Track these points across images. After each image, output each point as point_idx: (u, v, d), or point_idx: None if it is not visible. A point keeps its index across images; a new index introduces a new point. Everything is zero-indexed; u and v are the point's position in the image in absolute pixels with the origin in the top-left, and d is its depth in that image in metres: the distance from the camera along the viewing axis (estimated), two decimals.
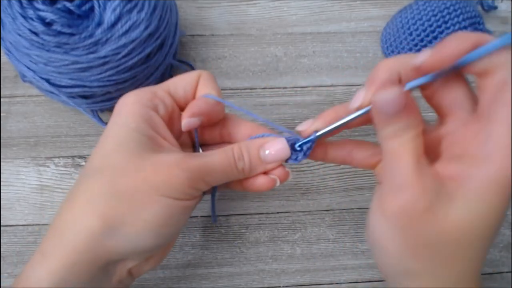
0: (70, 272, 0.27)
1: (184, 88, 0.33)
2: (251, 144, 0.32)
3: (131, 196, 0.27)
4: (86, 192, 0.28)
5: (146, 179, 0.28)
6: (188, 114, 0.31)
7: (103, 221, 0.27)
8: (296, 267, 0.43)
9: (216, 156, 0.30)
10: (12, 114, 0.46)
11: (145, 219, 0.27)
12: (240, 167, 0.31)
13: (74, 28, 0.36)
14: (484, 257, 0.26)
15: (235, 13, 0.51)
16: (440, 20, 0.45)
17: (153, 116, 0.30)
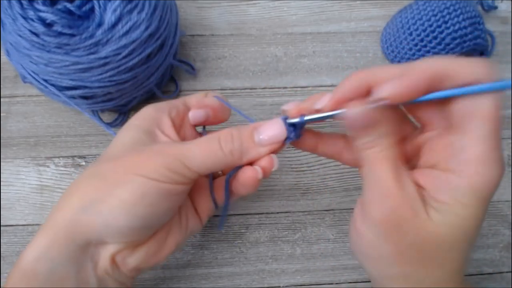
0: (50, 247, 0.28)
1: (197, 97, 0.35)
2: (244, 126, 0.31)
3: (109, 176, 0.29)
4: (77, 179, 0.30)
5: (127, 162, 0.29)
6: (195, 107, 0.34)
7: (81, 198, 0.28)
8: (296, 267, 0.43)
9: (199, 140, 0.30)
10: (12, 114, 0.46)
11: (118, 197, 0.28)
12: (227, 149, 0.30)
13: (74, 29, 0.36)
14: (467, 258, 0.27)
15: (235, 13, 0.51)
16: (440, 20, 0.45)
17: (161, 117, 0.32)
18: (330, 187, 0.45)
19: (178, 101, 0.35)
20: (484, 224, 0.44)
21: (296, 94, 0.48)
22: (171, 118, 0.33)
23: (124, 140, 0.31)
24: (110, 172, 0.29)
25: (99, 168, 0.30)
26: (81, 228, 0.28)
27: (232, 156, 0.30)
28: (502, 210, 0.45)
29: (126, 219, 0.28)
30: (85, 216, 0.28)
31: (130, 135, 0.31)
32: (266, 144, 0.31)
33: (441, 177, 0.26)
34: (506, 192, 0.46)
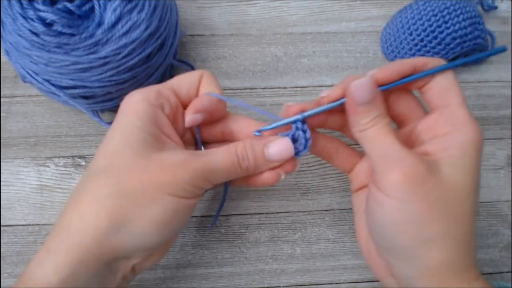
0: (77, 268, 0.27)
1: (188, 86, 0.34)
2: (256, 143, 0.32)
3: (137, 195, 0.28)
4: (93, 191, 0.29)
5: (152, 179, 0.28)
6: (191, 111, 0.33)
7: (110, 219, 0.28)
8: (296, 267, 0.43)
9: (219, 155, 0.31)
10: (12, 114, 0.46)
11: (150, 217, 0.28)
12: (244, 166, 0.31)
13: (74, 29, 0.36)
14: (476, 209, 0.30)
15: (235, 13, 0.51)
16: (440, 20, 0.45)
17: (158, 115, 0.31)
18: (330, 187, 0.45)
19: (168, 90, 0.33)
20: (484, 224, 0.45)
21: (296, 94, 0.48)
22: (165, 114, 0.32)
23: (130, 144, 0.29)
24: (137, 190, 0.28)
25: (120, 184, 0.28)
26: (111, 249, 0.28)
27: (247, 172, 0.32)
28: (502, 210, 0.45)
29: (158, 237, 0.29)
30: (115, 237, 0.28)
31: (134, 139, 0.29)
32: (275, 161, 0.33)
33: (444, 139, 0.30)
34: (506, 192, 0.46)
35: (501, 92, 0.50)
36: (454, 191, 0.28)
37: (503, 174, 0.47)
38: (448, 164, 0.28)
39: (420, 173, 0.27)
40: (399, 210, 0.28)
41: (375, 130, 0.29)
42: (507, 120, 0.48)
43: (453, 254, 0.28)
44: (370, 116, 0.29)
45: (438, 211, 0.28)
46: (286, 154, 0.32)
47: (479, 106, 0.49)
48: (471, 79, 0.50)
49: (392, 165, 0.28)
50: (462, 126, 0.29)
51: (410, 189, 0.28)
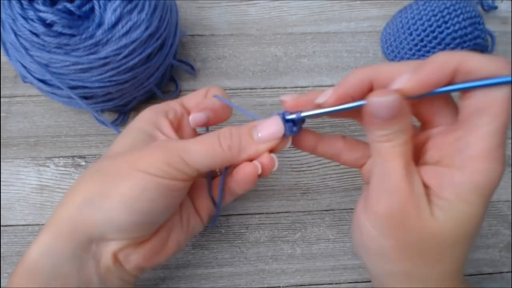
0: (53, 243, 0.28)
1: (195, 98, 0.35)
2: (242, 126, 0.31)
3: (112, 172, 0.29)
4: (81, 177, 0.31)
5: (129, 158, 0.30)
6: (195, 110, 0.33)
7: (84, 194, 0.29)
8: (296, 267, 0.43)
9: (200, 137, 0.31)
10: (12, 114, 0.46)
11: (119, 192, 0.28)
12: (226, 144, 0.30)
13: (74, 29, 0.36)
14: (467, 255, 0.28)
15: (235, 13, 0.51)
16: (440, 20, 0.45)
17: (160, 119, 0.33)
18: (330, 187, 0.45)
19: (175, 102, 0.35)
20: (484, 224, 0.45)
21: (296, 94, 0.48)
22: (169, 120, 0.33)
23: (125, 141, 0.32)
24: (112, 168, 0.30)
25: (101, 165, 0.31)
26: (83, 224, 0.28)
27: (231, 152, 0.30)
28: (502, 210, 0.45)
29: (126, 214, 0.28)
30: (87, 212, 0.28)
31: (131, 136, 0.32)
32: (264, 141, 0.31)
33: (445, 173, 0.26)
34: (506, 192, 0.46)
35: None
36: (436, 238, 0.26)
37: (503, 174, 0.46)
38: (440, 208, 0.26)
39: (405, 212, 0.26)
40: (373, 239, 0.28)
41: (385, 147, 0.26)
42: None
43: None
44: (386, 131, 0.26)
45: (409, 252, 0.27)
46: (275, 131, 0.30)
47: None
48: None
49: (383, 193, 0.27)
50: (471, 164, 0.25)
51: (389, 226, 0.27)
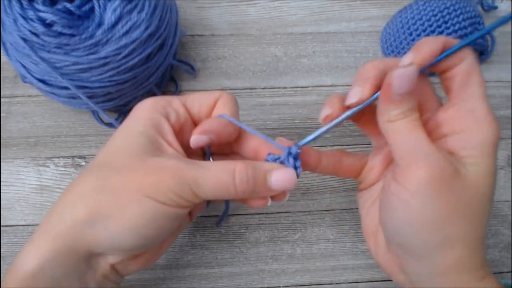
0: (53, 257, 0.28)
1: (200, 104, 0.33)
2: (259, 167, 0.31)
3: (118, 193, 0.28)
4: (80, 185, 0.29)
5: (136, 179, 0.28)
6: (198, 131, 0.31)
7: (88, 212, 0.28)
8: (296, 267, 0.43)
9: (213, 170, 0.29)
10: (12, 114, 0.46)
11: (127, 217, 0.28)
12: (241, 188, 0.29)
13: (74, 29, 0.36)
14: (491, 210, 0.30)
15: (235, 13, 0.51)
16: (440, 20, 0.45)
17: (162, 122, 0.31)
18: (330, 187, 0.45)
19: (178, 102, 0.33)
20: None
21: (296, 94, 0.48)
22: (171, 124, 0.31)
23: (127, 147, 0.30)
24: (119, 189, 0.28)
25: (106, 181, 0.29)
26: (86, 242, 0.28)
27: (242, 195, 0.30)
28: (502, 210, 0.45)
29: (132, 239, 0.28)
30: (91, 231, 0.28)
31: (134, 142, 0.30)
32: (276, 190, 0.31)
33: (464, 136, 0.29)
34: (506, 192, 0.46)
35: (501, 92, 0.50)
36: (476, 192, 0.28)
37: (503, 174, 0.47)
38: (471, 164, 0.28)
39: (446, 172, 0.27)
40: (421, 208, 0.27)
41: (404, 122, 0.28)
42: (507, 120, 0.48)
43: (468, 254, 0.28)
44: (403, 108, 0.28)
45: (459, 212, 0.27)
46: (289, 185, 0.31)
47: None
48: None
49: (419, 160, 0.27)
50: (482, 123, 0.28)
51: (434, 188, 0.27)
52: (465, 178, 0.27)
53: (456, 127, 0.29)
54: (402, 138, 0.28)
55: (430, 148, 0.27)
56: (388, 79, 0.28)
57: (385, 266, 0.33)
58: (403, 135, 0.28)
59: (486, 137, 0.28)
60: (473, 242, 0.28)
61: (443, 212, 0.27)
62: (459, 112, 0.29)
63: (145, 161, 0.29)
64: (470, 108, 0.29)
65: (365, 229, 0.35)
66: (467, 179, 0.27)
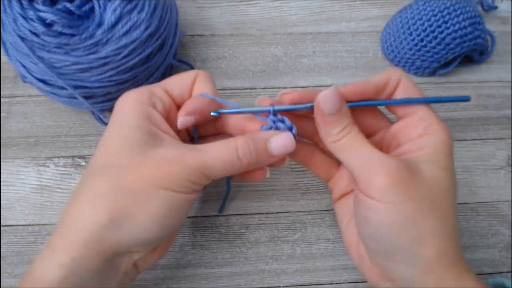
0: (79, 264, 0.28)
1: (180, 86, 0.34)
2: (257, 137, 0.32)
3: (135, 191, 0.28)
4: (93, 189, 0.29)
5: (148, 175, 0.29)
6: (183, 113, 0.32)
7: (109, 215, 0.28)
8: (296, 267, 0.43)
9: (217, 151, 0.31)
10: (12, 114, 0.46)
11: (148, 212, 0.28)
12: (246, 161, 0.31)
13: (74, 29, 0.36)
14: (456, 203, 0.31)
15: (235, 13, 0.51)
16: (440, 20, 0.45)
17: (152, 113, 0.31)
18: None
19: (160, 89, 0.33)
20: (484, 224, 0.45)
21: None
22: (159, 112, 0.32)
23: (127, 144, 0.30)
24: (134, 187, 0.29)
25: (119, 181, 0.29)
26: (111, 245, 0.28)
27: (248, 167, 0.32)
28: (502, 210, 0.45)
29: (157, 231, 0.29)
30: (116, 234, 0.28)
31: (132, 138, 0.30)
32: (276, 155, 0.32)
33: (418, 141, 0.31)
34: (506, 192, 0.46)
35: (501, 92, 0.50)
36: (436, 187, 0.29)
37: (503, 174, 0.47)
38: (427, 161, 0.30)
39: (404, 174, 0.28)
40: (391, 212, 0.29)
41: (349, 139, 0.30)
42: (507, 120, 0.48)
43: (446, 247, 0.29)
44: (340, 126, 0.30)
45: (426, 208, 0.29)
46: (289, 148, 0.32)
47: (479, 106, 0.49)
48: (471, 79, 0.50)
49: (375, 170, 0.29)
50: (434, 129, 0.31)
51: (398, 190, 0.28)
52: (424, 176, 0.29)
53: (412, 134, 0.32)
54: (352, 153, 0.30)
55: (381, 156, 0.29)
56: (316, 103, 0.31)
57: (369, 277, 0.34)
58: (352, 150, 0.30)
59: (440, 139, 0.30)
60: (446, 236, 0.29)
61: (410, 212, 0.28)
62: (412, 122, 0.32)
63: (149, 155, 0.29)
64: (419, 118, 0.31)
65: (347, 243, 0.36)
66: (425, 176, 0.29)
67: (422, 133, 0.31)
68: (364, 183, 0.29)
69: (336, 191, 0.37)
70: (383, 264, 0.32)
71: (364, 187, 0.29)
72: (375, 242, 0.31)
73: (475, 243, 0.44)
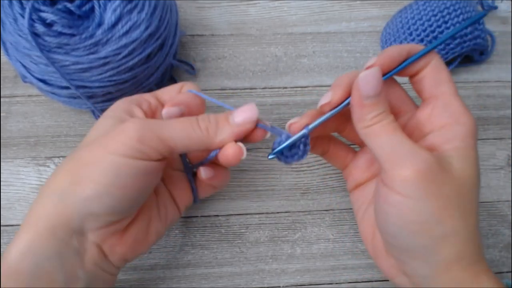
0: (33, 241, 0.28)
1: (169, 92, 0.36)
2: (219, 114, 0.32)
3: (85, 159, 0.29)
4: (54, 171, 0.30)
5: (101, 142, 0.29)
6: (169, 104, 0.33)
7: (59, 187, 0.28)
8: (296, 267, 0.43)
9: (176, 119, 0.31)
10: (12, 114, 0.46)
11: (93, 178, 0.28)
12: (204, 125, 0.30)
13: (74, 29, 0.36)
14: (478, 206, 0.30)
15: (235, 13, 0.51)
16: (440, 20, 0.45)
17: (133, 108, 0.33)
18: (330, 187, 0.45)
19: (149, 95, 0.35)
20: (484, 224, 0.45)
21: (296, 94, 0.48)
22: (142, 110, 0.33)
23: (99, 128, 0.31)
24: (85, 153, 0.29)
25: (75, 153, 0.30)
26: (60, 219, 0.28)
27: (208, 133, 0.30)
28: (502, 210, 0.45)
29: (102, 201, 0.28)
30: (61, 204, 0.28)
31: (104, 123, 0.31)
32: (239, 125, 0.31)
33: (444, 131, 0.29)
34: (506, 192, 0.46)
35: (501, 92, 0.50)
36: (464, 184, 0.28)
37: (503, 174, 0.47)
38: (455, 157, 0.28)
39: (432, 169, 0.27)
40: (413, 209, 0.27)
41: (382, 125, 0.29)
42: (507, 120, 0.48)
43: (467, 247, 0.28)
44: (376, 111, 0.29)
45: (451, 206, 0.27)
46: (251, 114, 0.31)
47: (479, 106, 0.49)
48: (471, 79, 0.50)
49: (403, 161, 0.27)
50: (460, 117, 0.29)
51: (423, 186, 0.27)
52: (451, 172, 0.28)
53: (435, 124, 0.30)
54: (382, 141, 0.29)
55: (412, 147, 0.28)
56: (355, 84, 0.29)
57: (385, 269, 0.33)
58: (383, 138, 0.29)
59: (465, 129, 0.29)
60: (468, 236, 0.28)
61: (435, 210, 0.27)
62: (435, 110, 0.30)
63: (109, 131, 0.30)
64: (444, 104, 0.30)
65: (362, 234, 0.35)
66: (454, 172, 0.28)
67: (447, 122, 0.29)
68: (390, 175, 0.28)
69: (352, 180, 0.36)
70: (401, 259, 0.31)
71: (388, 178, 0.28)
72: (393, 237, 0.30)
73: None
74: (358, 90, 0.29)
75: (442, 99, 0.30)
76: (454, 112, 0.29)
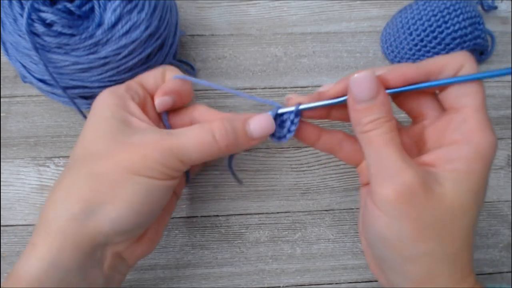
0: (58, 257, 0.27)
1: (154, 79, 0.35)
2: (235, 118, 0.31)
3: (108, 177, 0.28)
4: (67, 179, 0.29)
5: (123, 160, 0.28)
6: (160, 94, 0.33)
7: (82, 203, 0.28)
8: (296, 267, 0.43)
9: (191, 133, 0.30)
10: (12, 114, 0.46)
11: (122, 198, 0.28)
12: (224, 144, 0.30)
13: (74, 29, 0.36)
14: (476, 224, 0.28)
15: (235, 13, 0.51)
16: (440, 20, 0.45)
17: (129, 103, 0.32)
18: (330, 187, 0.45)
19: (136, 84, 0.34)
20: (484, 224, 0.45)
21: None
22: (137, 105, 0.33)
23: (99, 133, 0.30)
24: (108, 173, 0.28)
25: (93, 169, 0.29)
26: (88, 235, 0.28)
27: (227, 150, 0.31)
28: (502, 210, 0.45)
29: (133, 218, 0.29)
30: (90, 222, 0.28)
31: (106, 126, 0.30)
32: (256, 138, 0.31)
33: (451, 149, 0.28)
34: (506, 192, 0.46)
35: (501, 92, 0.50)
36: (450, 209, 0.27)
37: (503, 174, 0.47)
38: (451, 179, 0.27)
39: (413, 191, 0.26)
40: (389, 227, 0.27)
41: (375, 135, 0.28)
42: (507, 120, 0.48)
43: (441, 269, 0.27)
44: (371, 116, 0.28)
45: (428, 231, 0.27)
46: (268, 129, 0.31)
47: None
48: None
49: (385, 179, 0.27)
50: (473, 135, 0.27)
51: (400, 207, 0.27)
52: (439, 196, 0.26)
53: (447, 139, 0.28)
54: (373, 152, 0.28)
55: (399, 166, 0.27)
56: (349, 86, 0.28)
57: (373, 271, 0.34)
58: (374, 149, 0.28)
59: (473, 151, 0.27)
60: (445, 258, 0.27)
61: (410, 231, 0.27)
62: (451, 124, 0.28)
63: (124, 141, 0.29)
64: (463, 119, 0.28)
65: (360, 231, 0.35)
66: (441, 196, 0.27)
67: (457, 139, 0.27)
68: (373, 188, 0.28)
69: (365, 175, 0.35)
70: (380, 266, 0.31)
71: (372, 192, 0.28)
72: (371, 245, 0.31)
73: (475, 243, 0.44)
74: (351, 93, 0.28)
75: (462, 113, 0.28)
76: (469, 130, 0.27)
